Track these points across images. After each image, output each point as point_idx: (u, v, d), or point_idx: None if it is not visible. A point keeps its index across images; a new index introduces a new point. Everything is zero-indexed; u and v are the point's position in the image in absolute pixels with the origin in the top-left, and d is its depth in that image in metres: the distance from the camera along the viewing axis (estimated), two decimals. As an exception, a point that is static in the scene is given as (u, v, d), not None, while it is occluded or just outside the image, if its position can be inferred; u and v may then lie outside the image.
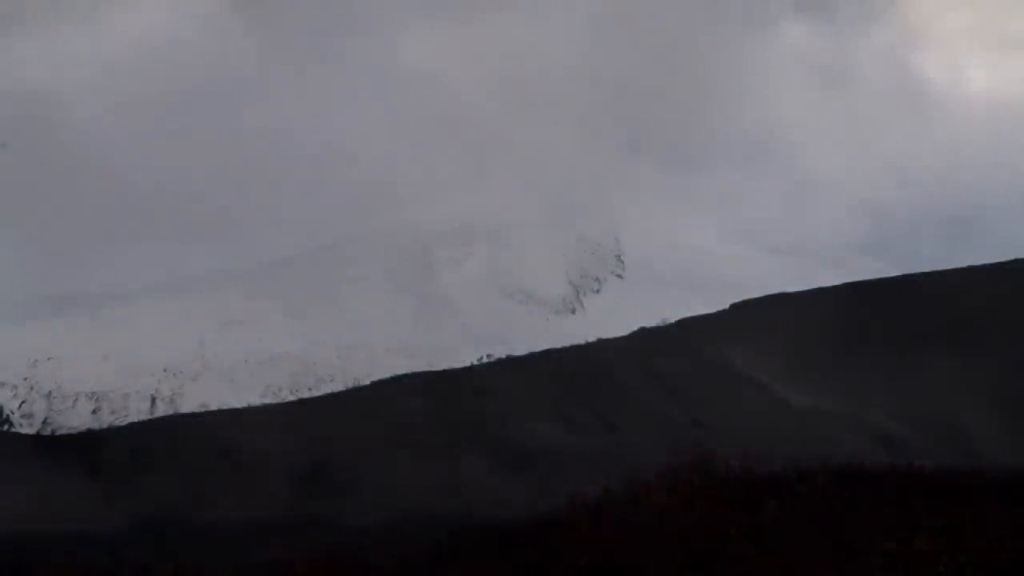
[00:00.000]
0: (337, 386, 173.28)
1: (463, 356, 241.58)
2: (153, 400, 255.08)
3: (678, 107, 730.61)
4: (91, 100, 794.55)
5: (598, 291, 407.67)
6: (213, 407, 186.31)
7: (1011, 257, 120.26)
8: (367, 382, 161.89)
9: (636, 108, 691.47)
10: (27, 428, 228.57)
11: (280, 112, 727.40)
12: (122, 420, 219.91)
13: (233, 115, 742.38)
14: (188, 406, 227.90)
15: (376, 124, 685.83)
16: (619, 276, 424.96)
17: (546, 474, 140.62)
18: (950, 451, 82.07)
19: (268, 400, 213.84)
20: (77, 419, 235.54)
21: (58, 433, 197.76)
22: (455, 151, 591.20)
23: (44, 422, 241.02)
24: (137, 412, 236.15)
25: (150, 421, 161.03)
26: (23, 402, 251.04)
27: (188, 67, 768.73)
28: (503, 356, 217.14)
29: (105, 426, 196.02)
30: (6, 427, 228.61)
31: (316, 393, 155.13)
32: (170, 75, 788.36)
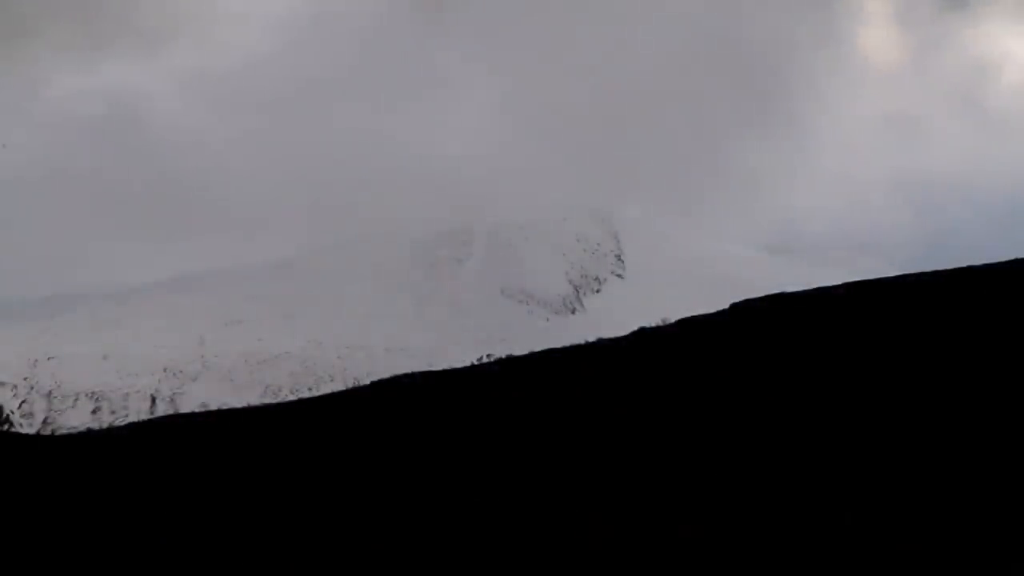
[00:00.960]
0: (337, 386, 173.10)
1: (463, 356, 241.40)
2: (153, 400, 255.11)
3: (742, 114, 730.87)
4: (190, 104, 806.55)
5: (598, 291, 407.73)
6: (213, 407, 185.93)
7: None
8: (367, 382, 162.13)
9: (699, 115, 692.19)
10: (27, 428, 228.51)
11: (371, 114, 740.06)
12: (122, 420, 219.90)
13: (324, 119, 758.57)
14: (188, 406, 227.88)
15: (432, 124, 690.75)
16: (619, 276, 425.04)
17: (546, 474, 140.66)
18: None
19: (268, 400, 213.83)
20: (77, 419, 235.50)
21: (58, 433, 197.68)
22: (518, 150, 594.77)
23: (44, 422, 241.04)
24: (137, 412, 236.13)
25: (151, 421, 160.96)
26: (23, 402, 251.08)
27: (286, 73, 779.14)
28: (503, 356, 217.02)
29: (105, 426, 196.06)
30: (6, 427, 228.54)
31: (316, 393, 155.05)
32: (266, 81, 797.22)
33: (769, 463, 26.11)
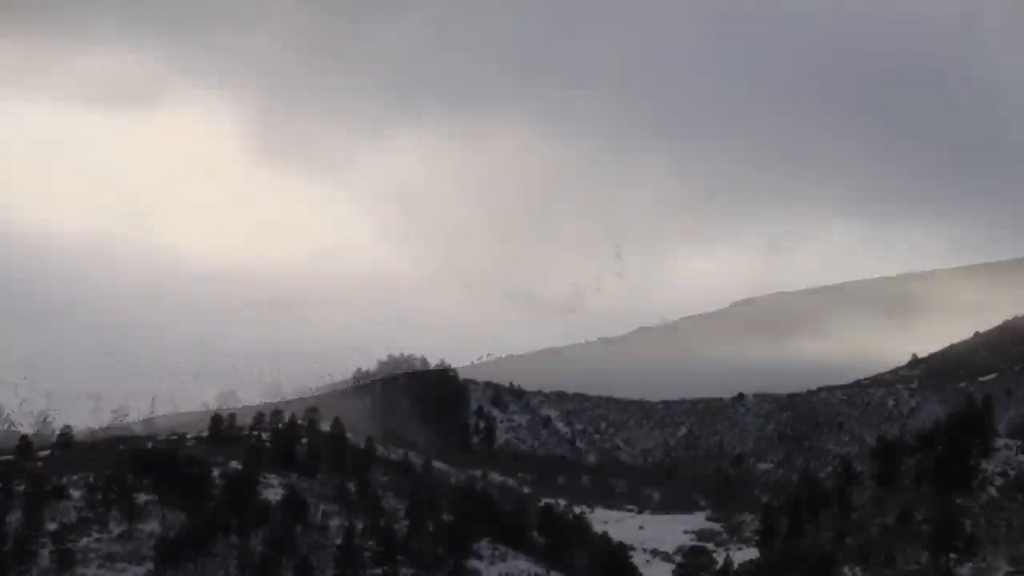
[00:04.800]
0: (338, 383, 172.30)
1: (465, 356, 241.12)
2: (153, 400, 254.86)
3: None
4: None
5: (598, 290, 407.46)
6: (213, 406, 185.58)
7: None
8: (367, 381, 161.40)
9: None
10: (27, 427, 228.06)
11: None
12: (122, 420, 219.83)
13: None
14: (188, 406, 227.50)
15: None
16: (619, 275, 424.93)
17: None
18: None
19: (269, 399, 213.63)
20: (77, 419, 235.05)
21: (57, 432, 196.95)
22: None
23: (44, 421, 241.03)
24: (137, 411, 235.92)
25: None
26: (23, 400, 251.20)
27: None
28: (503, 356, 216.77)
29: (105, 425, 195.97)
30: (6, 426, 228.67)
31: (318, 390, 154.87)
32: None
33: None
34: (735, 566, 66.31)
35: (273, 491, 76.24)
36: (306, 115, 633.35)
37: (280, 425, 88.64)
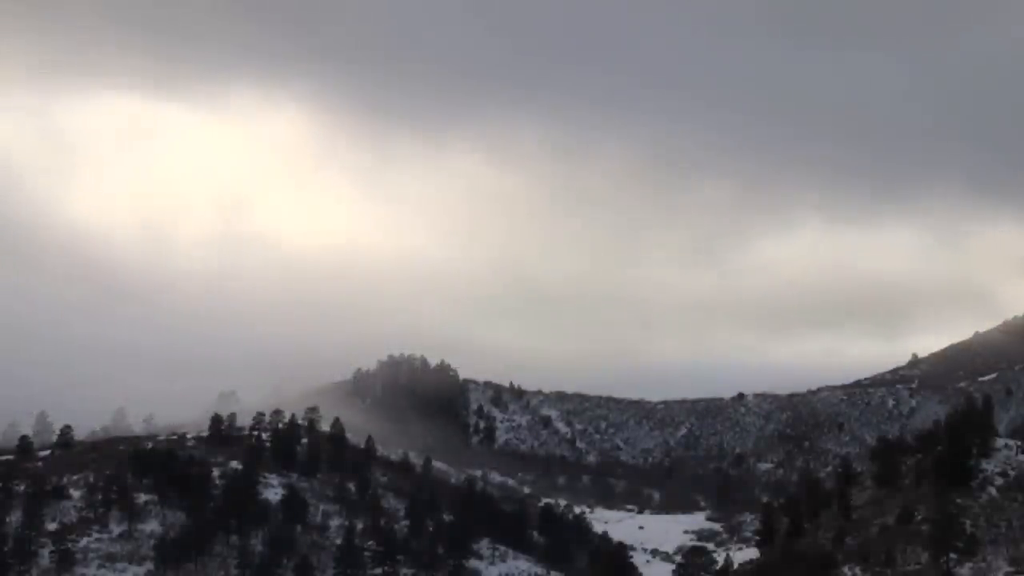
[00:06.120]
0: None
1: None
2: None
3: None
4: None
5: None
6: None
7: None
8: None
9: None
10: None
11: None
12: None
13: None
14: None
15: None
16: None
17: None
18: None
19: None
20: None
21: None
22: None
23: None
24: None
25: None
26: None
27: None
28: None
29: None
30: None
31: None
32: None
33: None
34: (735, 566, 66.20)
35: (273, 491, 76.32)
36: (380, 116, 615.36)
37: (280, 425, 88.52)
